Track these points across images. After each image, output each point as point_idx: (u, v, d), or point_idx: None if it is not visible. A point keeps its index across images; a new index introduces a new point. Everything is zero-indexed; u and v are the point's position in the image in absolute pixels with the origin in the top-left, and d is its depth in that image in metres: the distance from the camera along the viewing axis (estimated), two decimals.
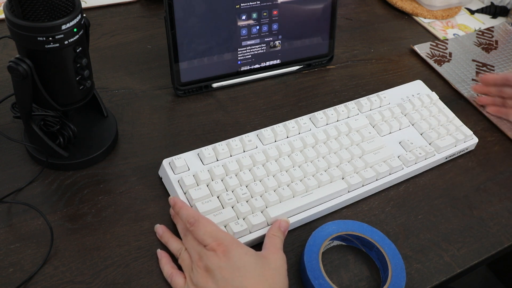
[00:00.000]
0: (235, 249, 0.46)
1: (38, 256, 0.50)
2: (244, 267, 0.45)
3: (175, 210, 0.51)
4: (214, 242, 0.46)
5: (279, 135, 0.61)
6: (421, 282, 0.53)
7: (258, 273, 0.45)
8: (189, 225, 0.48)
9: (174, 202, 0.52)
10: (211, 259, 0.45)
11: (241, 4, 0.67)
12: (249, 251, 0.47)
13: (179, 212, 0.50)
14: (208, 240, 0.47)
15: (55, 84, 0.52)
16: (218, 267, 0.45)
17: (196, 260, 0.47)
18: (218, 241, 0.46)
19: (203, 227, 0.48)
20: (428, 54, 0.84)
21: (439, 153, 0.64)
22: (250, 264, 0.45)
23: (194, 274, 0.46)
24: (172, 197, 0.53)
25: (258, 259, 0.46)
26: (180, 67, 0.67)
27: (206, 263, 0.46)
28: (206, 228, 0.47)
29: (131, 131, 0.64)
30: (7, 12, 0.47)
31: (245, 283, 0.44)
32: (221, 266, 0.45)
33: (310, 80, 0.76)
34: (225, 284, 0.44)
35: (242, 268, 0.45)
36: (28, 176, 0.57)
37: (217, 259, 0.45)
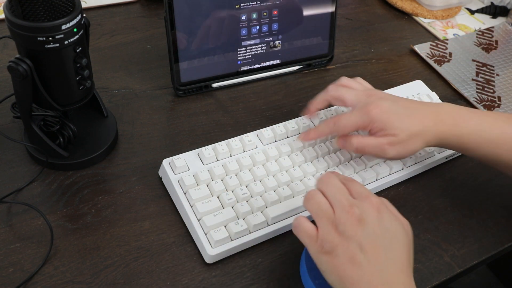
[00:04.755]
0: (386, 212, 0.44)
1: (38, 256, 0.50)
2: (394, 232, 0.43)
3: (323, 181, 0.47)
4: (372, 197, 0.44)
5: (279, 135, 0.61)
6: (421, 282, 0.53)
7: (405, 243, 0.43)
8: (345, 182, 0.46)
9: None
10: (367, 210, 0.43)
11: (241, 4, 0.67)
12: (395, 217, 0.44)
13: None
14: (365, 193, 0.45)
15: (55, 84, 0.52)
16: (372, 221, 0.42)
17: (346, 207, 0.43)
18: (372, 194, 0.45)
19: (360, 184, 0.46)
20: (428, 54, 0.84)
21: (439, 153, 0.64)
22: (399, 232, 0.43)
23: (341, 220, 0.42)
24: None
25: (403, 228, 0.44)
26: (180, 67, 0.67)
27: (361, 213, 0.42)
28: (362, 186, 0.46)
29: (131, 131, 0.64)
30: (7, 12, 0.47)
31: (393, 246, 0.42)
32: (374, 220, 0.42)
33: (310, 80, 0.76)
34: (374, 239, 0.42)
35: (391, 232, 0.43)
36: (28, 176, 0.57)
37: (372, 212, 0.43)
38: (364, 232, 0.42)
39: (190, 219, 0.53)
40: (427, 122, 0.54)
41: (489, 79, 0.81)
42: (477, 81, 0.80)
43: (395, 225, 0.44)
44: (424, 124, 0.53)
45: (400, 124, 0.53)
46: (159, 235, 0.53)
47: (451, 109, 0.55)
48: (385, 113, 0.53)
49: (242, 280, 0.51)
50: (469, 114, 0.55)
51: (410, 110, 0.54)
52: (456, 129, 0.54)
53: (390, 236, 0.43)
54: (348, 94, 0.57)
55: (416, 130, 0.53)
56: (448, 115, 0.55)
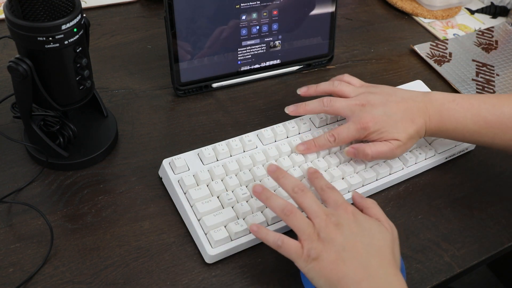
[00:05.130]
0: (361, 215, 0.48)
1: (38, 256, 0.50)
2: (372, 230, 0.47)
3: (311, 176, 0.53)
4: (347, 204, 0.48)
5: (279, 135, 0.61)
6: (421, 282, 0.53)
7: (386, 238, 0.47)
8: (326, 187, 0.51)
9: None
10: (342, 216, 0.47)
11: (241, 4, 0.67)
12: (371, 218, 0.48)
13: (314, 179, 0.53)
14: (341, 202, 0.49)
15: (55, 84, 0.52)
16: (348, 223, 0.46)
17: (323, 216, 0.47)
18: (346, 203, 0.49)
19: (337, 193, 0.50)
20: (428, 54, 0.84)
21: (439, 153, 0.64)
22: (377, 230, 0.47)
23: (321, 228, 0.46)
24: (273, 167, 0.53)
25: (382, 227, 0.48)
26: (180, 67, 0.67)
27: (337, 219, 0.46)
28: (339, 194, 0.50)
29: (131, 131, 0.64)
30: (7, 12, 0.47)
31: (373, 242, 0.46)
32: (350, 223, 0.47)
33: (310, 80, 0.76)
34: (354, 238, 0.45)
35: (368, 230, 0.47)
36: (28, 176, 0.57)
37: (347, 217, 0.47)
38: (344, 234, 0.45)
39: (190, 219, 0.53)
40: (418, 122, 0.57)
41: (489, 79, 0.81)
42: (477, 81, 0.80)
43: (373, 224, 0.48)
44: (417, 125, 0.57)
45: (397, 129, 0.57)
46: (159, 235, 0.53)
47: (439, 103, 0.58)
48: (380, 122, 0.57)
49: (242, 280, 0.51)
50: (455, 107, 0.58)
51: (401, 113, 0.57)
52: (442, 126, 0.58)
53: (368, 234, 0.46)
54: (342, 108, 0.59)
55: (412, 131, 0.57)
56: (435, 110, 0.58)
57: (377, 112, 0.57)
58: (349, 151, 0.59)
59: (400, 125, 0.57)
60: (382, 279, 0.44)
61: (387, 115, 0.57)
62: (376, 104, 0.58)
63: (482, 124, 0.57)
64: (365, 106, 0.58)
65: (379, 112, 0.57)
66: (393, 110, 0.57)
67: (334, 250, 0.44)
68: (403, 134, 0.57)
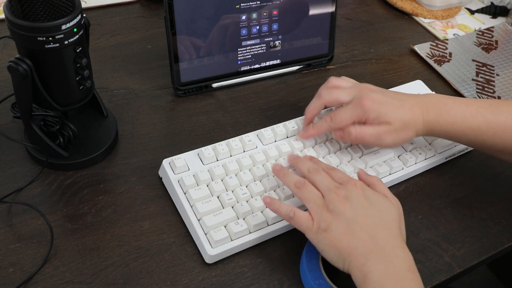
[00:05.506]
0: (370, 190, 0.49)
1: (38, 256, 0.50)
2: (381, 205, 0.48)
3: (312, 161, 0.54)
4: (354, 180, 0.50)
5: (279, 135, 0.61)
6: None
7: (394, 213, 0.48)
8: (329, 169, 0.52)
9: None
10: (351, 189, 0.48)
11: (241, 4, 0.67)
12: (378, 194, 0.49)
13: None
14: (347, 178, 0.50)
15: (55, 84, 0.52)
16: (357, 197, 0.48)
17: (332, 190, 0.48)
18: (353, 178, 0.50)
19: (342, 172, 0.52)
20: (428, 54, 0.84)
21: (439, 153, 0.64)
22: (385, 205, 0.48)
23: (331, 201, 0.47)
24: None
25: (389, 202, 0.49)
26: (180, 67, 0.67)
27: (346, 192, 0.48)
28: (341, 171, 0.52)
29: (131, 131, 0.64)
30: (7, 12, 0.47)
31: (382, 215, 0.47)
32: (359, 196, 0.48)
33: (310, 80, 0.76)
34: (363, 211, 0.47)
35: (376, 204, 0.48)
36: (28, 176, 0.57)
37: (356, 191, 0.48)
38: (353, 207, 0.47)
39: (190, 219, 0.53)
40: (416, 112, 0.56)
41: (489, 79, 0.81)
42: (477, 81, 0.80)
43: (381, 200, 0.49)
44: (413, 113, 0.56)
45: (393, 113, 0.55)
46: (159, 235, 0.53)
47: (436, 99, 0.58)
48: (378, 103, 0.55)
49: (242, 280, 0.51)
50: (453, 103, 0.57)
51: (400, 101, 0.57)
52: (440, 118, 0.56)
53: (377, 208, 0.48)
54: (342, 94, 0.59)
55: (408, 119, 0.56)
56: (433, 104, 0.57)
57: (376, 95, 0.56)
58: (335, 133, 0.58)
59: (398, 110, 0.56)
60: (390, 251, 0.45)
61: (386, 99, 0.56)
62: (375, 90, 0.58)
63: (482, 121, 0.56)
64: (364, 89, 0.58)
65: (378, 95, 0.56)
66: (392, 97, 0.57)
67: (344, 221, 0.46)
68: (397, 120, 0.55)
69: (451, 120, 0.56)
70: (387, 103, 0.56)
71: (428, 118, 0.57)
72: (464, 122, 0.56)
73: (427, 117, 0.57)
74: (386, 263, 0.44)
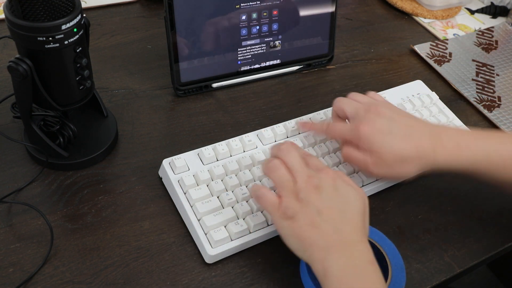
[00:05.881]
0: (341, 181, 0.48)
1: (38, 256, 0.50)
2: (349, 197, 0.47)
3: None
4: (327, 169, 0.49)
5: (279, 135, 0.61)
6: (421, 282, 0.53)
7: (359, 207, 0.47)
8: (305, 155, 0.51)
9: None
10: (323, 178, 0.47)
11: (241, 4, 0.67)
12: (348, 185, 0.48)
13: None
14: (321, 166, 0.49)
15: (55, 84, 0.52)
16: (327, 187, 0.47)
17: (305, 177, 0.47)
18: (327, 167, 0.49)
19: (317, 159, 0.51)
20: (428, 54, 0.84)
21: None
22: (353, 197, 0.47)
23: (301, 189, 0.46)
24: None
25: (357, 194, 0.48)
26: (180, 67, 0.67)
27: (317, 181, 0.47)
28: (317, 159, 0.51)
29: (131, 131, 0.64)
30: (7, 12, 0.47)
31: (348, 209, 0.46)
32: (329, 187, 0.47)
33: (310, 80, 0.76)
34: (330, 203, 0.46)
35: (346, 197, 0.47)
36: (28, 176, 0.57)
37: (327, 179, 0.47)
38: (321, 198, 0.46)
39: (190, 219, 0.53)
40: (425, 147, 0.52)
41: (489, 79, 0.81)
42: (477, 81, 0.80)
43: (350, 191, 0.48)
44: (420, 149, 0.51)
45: (389, 145, 0.51)
46: (159, 235, 0.53)
47: (454, 132, 0.54)
48: (375, 133, 0.52)
49: (242, 280, 0.51)
50: (473, 137, 0.53)
51: (407, 131, 0.52)
52: (459, 155, 0.52)
53: (345, 200, 0.47)
54: (348, 106, 0.56)
55: (408, 154, 0.51)
56: (449, 139, 0.53)
57: (380, 121, 0.52)
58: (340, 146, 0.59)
59: (399, 143, 0.51)
60: (351, 245, 0.45)
61: (389, 128, 0.52)
62: (383, 114, 0.53)
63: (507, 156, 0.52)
64: (371, 112, 0.53)
65: (381, 122, 0.52)
66: (399, 126, 0.52)
67: (311, 212, 0.45)
68: (391, 153, 0.51)
69: (471, 156, 0.52)
70: (389, 133, 0.52)
71: (443, 154, 0.52)
72: (488, 157, 0.52)
73: (442, 153, 0.52)
74: (347, 257, 0.44)
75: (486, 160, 0.52)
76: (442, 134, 0.53)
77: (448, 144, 0.52)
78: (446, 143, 0.52)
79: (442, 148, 0.52)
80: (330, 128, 0.57)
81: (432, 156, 0.52)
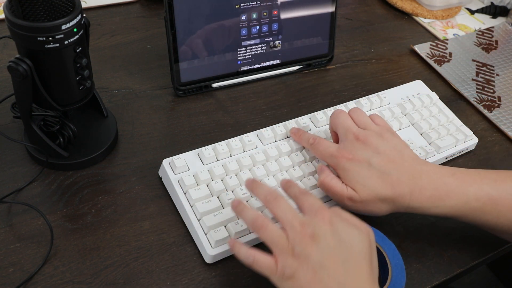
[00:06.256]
0: (340, 223, 0.44)
1: (38, 256, 0.50)
2: (351, 242, 0.43)
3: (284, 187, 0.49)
4: (323, 210, 0.44)
5: (279, 135, 0.61)
6: (421, 282, 0.53)
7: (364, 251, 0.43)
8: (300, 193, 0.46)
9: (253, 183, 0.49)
10: (319, 225, 0.43)
11: (241, 4, 0.67)
12: (349, 225, 0.44)
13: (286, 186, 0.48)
14: (316, 207, 0.44)
15: (55, 84, 0.52)
16: (324, 234, 0.42)
17: (297, 228, 0.43)
18: (323, 207, 0.45)
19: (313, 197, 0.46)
20: (428, 54, 0.84)
21: (439, 153, 0.64)
22: (356, 240, 0.43)
23: (296, 242, 0.42)
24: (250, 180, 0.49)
25: (361, 234, 0.44)
26: (180, 67, 0.67)
27: (312, 230, 0.42)
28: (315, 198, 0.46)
29: (131, 131, 0.64)
30: (7, 12, 0.47)
31: (352, 257, 0.42)
32: (327, 233, 0.43)
33: (310, 80, 0.76)
34: (330, 253, 0.42)
35: (347, 242, 0.43)
36: (28, 176, 0.57)
37: (324, 226, 0.43)
38: (320, 248, 0.42)
39: (190, 219, 0.53)
40: (401, 189, 0.50)
41: (489, 79, 0.81)
42: (477, 81, 0.80)
43: (351, 234, 0.43)
44: (396, 190, 0.50)
45: (365, 183, 0.50)
46: (159, 235, 0.53)
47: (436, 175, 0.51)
48: (354, 167, 0.51)
49: (242, 280, 0.51)
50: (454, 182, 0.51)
51: (387, 169, 0.51)
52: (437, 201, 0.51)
53: (347, 246, 0.43)
54: (341, 126, 0.55)
55: (383, 195, 0.50)
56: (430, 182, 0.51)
57: (363, 155, 0.51)
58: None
59: (376, 182, 0.50)
60: None
61: (368, 166, 0.51)
62: (369, 144, 0.52)
63: (486, 201, 0.50)
64: (359, 142, 0.52)
65: (364, 157, 0.51)
66: (380, 163, 0.51)
67: (311, 268, 0.41)
68: (366, 192, 0.50)
69: (450, 204, 0.51)
70: (368, 167, 0.50)
71: (420, 199, 0.50)
72: (466, 204, 0.51)
73: (419, 198, 0.50)
74: None
75: (464, 207, 0.51)
76: (423, 176, 0.51)
77: (426, 191, 0.50)
78: (425, 189, 0.50)
79: (419, 194, 0.50)
80: (314, 146, 0.55)
81: (407, 199, 0.50)
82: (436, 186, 0.51)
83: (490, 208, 0.51)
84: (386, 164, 0.51)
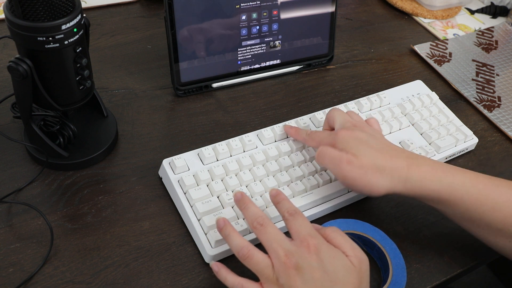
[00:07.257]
0: (325, 250, 0.43)
1: (38, 256, 0.50)
2: (336, 272, 0.42)
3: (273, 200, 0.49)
4: (310, 237, 0.43)
5: (279, 135, 0.61)
6: (421, 282, 0.53)
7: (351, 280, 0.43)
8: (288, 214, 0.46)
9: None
10: (303, 256, 0.42)
11: (241, 4, 0.67)
12: (337, 255, 0.43)
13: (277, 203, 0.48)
14: (304, 233, 0.44)
15: (55, 84, 0.52)
16: (309, 266, 0.42)
17: (282, 258, 0.42)
18: (311, 234, 0.44)
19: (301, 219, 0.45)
20: (428, 54, 0.84)
21: (439, 153, 0.64)
22: (340, 270, 0.43)
23: (280, 273, 0.42)
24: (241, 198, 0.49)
25: (348, 265, 0.43)
26: (180, 67, 0.67)
27: (296, 261, 0.42)
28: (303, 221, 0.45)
29: (131, 131, 0.64)
30: (7, 12, 0.47)
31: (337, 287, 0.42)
32: (312, 265, 0.42)
33: (310, 80, 0.76)
34: (315, 285, 0.41)
35: (332, 273, 0.42)
36: (28, 176, 0.57)
37: (309, 256, 0.42)
38: (304, 281, 0.42)
39: (190, 219, 0.53)
40: (399, 162, 0.50)
41: (489, 79, 0.81)
42: (477, 81, 0.80)
43: (337, 263, 0.43)
44: (394, 162, 0.50)
45: (365, 152, 0.50)
46: (159, 235, 0.53)
47: (432, 161, 0.52)
48: (353, 138, 0.51)
49: None
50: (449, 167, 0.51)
51: (384, 148, 0.51)
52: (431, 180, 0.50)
53: (331, 279, 0.42)
54: (340, 118, 0.55)
55: (382, 163, 0.49)
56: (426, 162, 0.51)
57: (360, 133, 0.52)
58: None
59: (375, 153, 0.50)
60: None
61: (367, 140, 0.51)
62: (366, 131, 0.53)
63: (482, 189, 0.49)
64: (357, 126, 0.53)
65: (362, 134, 0.51)
66: (377, 141, 0.52)
67: None
68: (367, 158, 0.49)
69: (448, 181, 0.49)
70: (366, 143, 0.51)
71: (417, 172, 0.49)
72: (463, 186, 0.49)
73: (416, 173, 0.49)
74: None
75: (461, 188, 0.49)
76: (419, 158, 0.51)
77: (423, 166, 0.50)
78: (422, 164, 0.50)
79: (417, 167, 0.50)
80: (310, 136, 0.56)
81: (405, 172, 0.49)
82: (433, 164, 0.51)
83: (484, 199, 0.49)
84: (383, 144, 0.52)
